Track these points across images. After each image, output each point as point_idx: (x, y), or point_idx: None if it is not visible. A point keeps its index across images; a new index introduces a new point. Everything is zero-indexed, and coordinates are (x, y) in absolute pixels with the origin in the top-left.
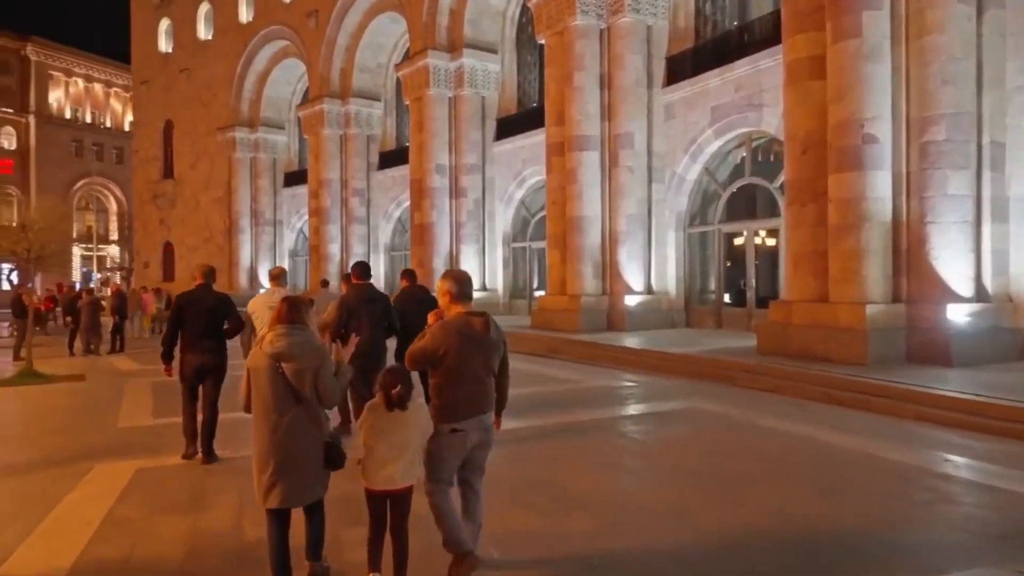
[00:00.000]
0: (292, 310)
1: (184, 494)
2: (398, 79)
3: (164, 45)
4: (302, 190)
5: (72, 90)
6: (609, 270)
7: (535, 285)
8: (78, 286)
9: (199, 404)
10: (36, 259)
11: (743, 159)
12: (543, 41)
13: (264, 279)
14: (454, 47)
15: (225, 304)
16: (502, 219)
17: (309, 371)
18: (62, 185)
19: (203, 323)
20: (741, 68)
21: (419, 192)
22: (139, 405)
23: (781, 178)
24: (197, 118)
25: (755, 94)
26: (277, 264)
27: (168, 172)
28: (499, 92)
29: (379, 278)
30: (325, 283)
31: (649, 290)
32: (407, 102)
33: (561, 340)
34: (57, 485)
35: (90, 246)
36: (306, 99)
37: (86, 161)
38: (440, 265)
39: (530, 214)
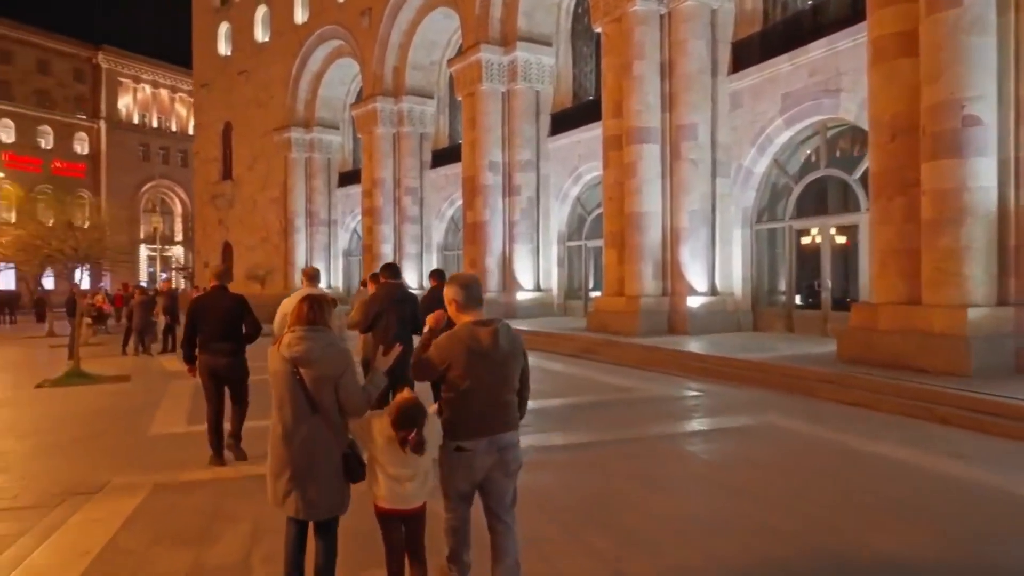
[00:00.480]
0: (313, 310)
1: (195, 519)
2: (451, 76)
3: (223, 48)
4: (356, 190)
5: (140, 96)
6: (670, 270)
7: (591, 285)
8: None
9: (226, 412)
10: (84, 258)
11: (817, 150)
12: (600, 30)
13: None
14: (507, 40)
15: (240, 306)
16: (557, 217)
17: (330, 379)
18: (130, 188)
19: (217, 326)
20: (815, 51)
21: (471, 190)
22: (176, 409)
23: (862, 169)
24: (254, 119)
25: (831, 78)
26: (311, 264)
27: (227, 173)
28: (554, 86)
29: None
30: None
31: (713, 291)
32: (459, 98)
33: (619, 344)
34: (68, 503)
35: (156, 247)
36: (360, 98)
37: (153, 164)
38: (493, 265)
39: (586, 212)
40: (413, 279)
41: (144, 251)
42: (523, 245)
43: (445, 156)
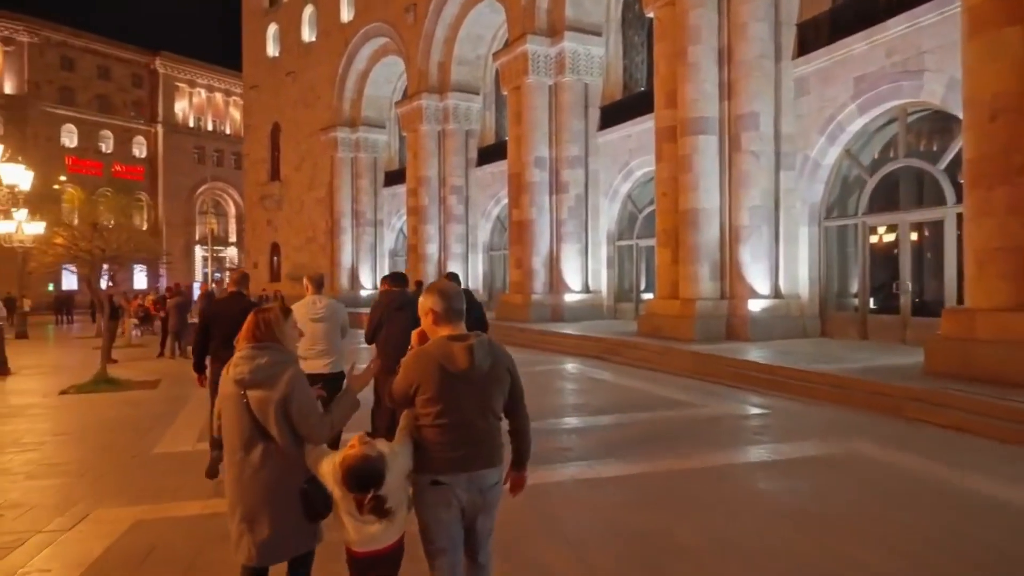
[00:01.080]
0: (259, 325)
1: (169, 569)
2: (497, 71)
3: (272, 49)
4: (401, 189)
5: (195, 100)
6: (729, 271)
7: (642, 287)
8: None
9: None
10: (112, 258)
11: (895, 138)
12: (652, 15)
13: (366, 279)
14: (555, 31)
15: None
16: (606, 215)
17: (278, 402)
18: (186, 190)
19: (227, 332)
20: (894, 28)
21: (517, 187)
22: (191, 423)
23: (949, 157)
24: (301, 120)
25: (912, 58)
26: (356, 265)
27: (275, 174)
28: (603, 78)
29: (477, 279)
30: (419, 284)
31: (776, 294)
32: (505, 93)
33: (673, 350)
34: (32, 542)
35: (210, 248)
36: (405, 96)
37: (207, 167)
38: (539, 266)
39: (637, 209)
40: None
41: (199, 252)
42: (571, 245)
43: (491, 153)
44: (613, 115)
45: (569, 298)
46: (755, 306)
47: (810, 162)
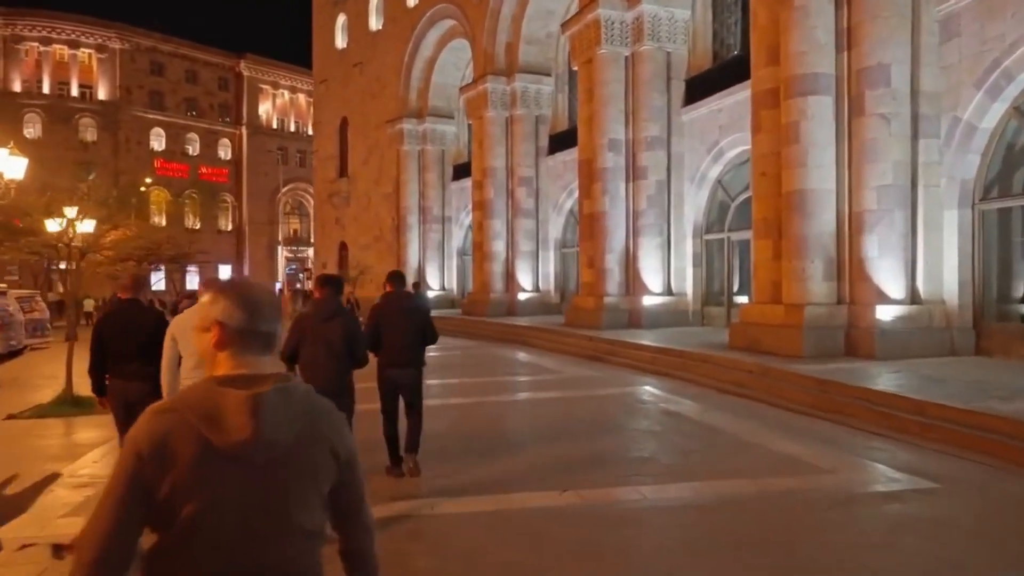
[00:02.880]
0: None
1: None
2: (570, 50)
3: (340, 41)
4: (469, 183)
5: (278, 101)
6: (848, 269)
7: (735, 288)
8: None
9: None
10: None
11: None
12: None
13: (433, 280)
14: None
15: (157, 323)
16: (692, 204)
17: None
18: (269, 191)
19: (121, 348)
20: None
21: (588, 175)
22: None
23: None
24: (369, 112)
25: None
26: (423, 265)
27: (343, 170)
28: (688, 45)
29: (548, 279)
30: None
31: (913, 298)
32: (575, 68)
33: (776, 372)
34: None
35: (294, 248)
36: (471, 82)
37: (290, 168)
38: (614, 264)
39: (729, 197)
40: (528, 281)
41: (282, 252)
42: (650, 239)
43: (563, 140)
44: (700, 88)
45: (648, 301)
46: (884, 313)
47: (961, 126)
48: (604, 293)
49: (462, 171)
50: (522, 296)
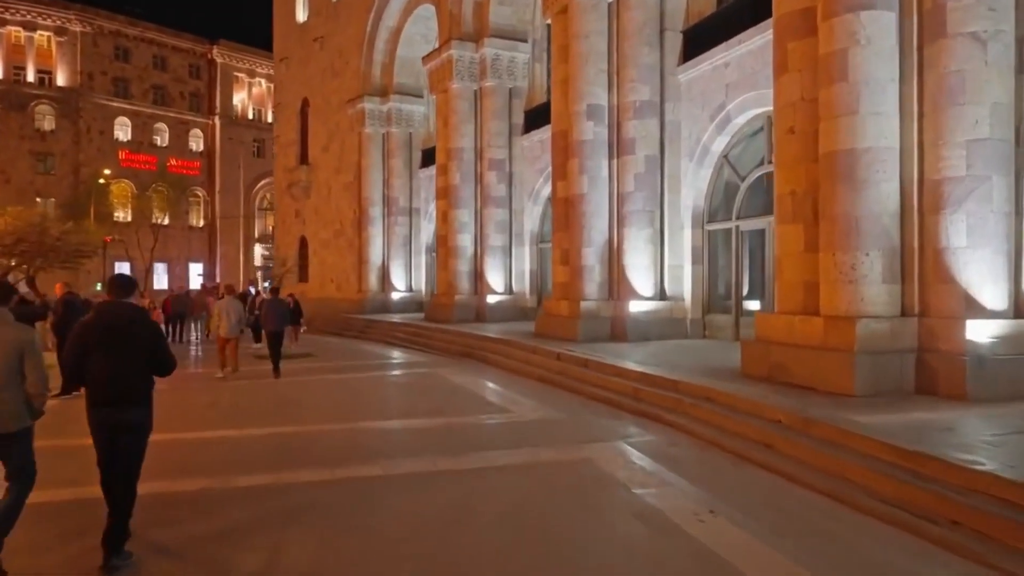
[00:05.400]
0: None
1: None
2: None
3: (301, 14)
4: None
5: (255, 91)
6: (919, 264)
7: (745, 292)
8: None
9: None
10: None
11: None
12: None
13: (398, 280)
14: None
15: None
16: (691, 186)
17: None
18: (244, 186)
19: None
20: None
21: (563, 150)
22: None
23: None
24: (329, 93)
25: None
26: (388, 262)
27: (304, 158)
28: None
29: (523, 278)
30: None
31: (1019, 309)
32: (548, 22)
33: (822, 425)
34: None
35: (270, 245)
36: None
37: (267, 161)
38: (593, 260)
39: (738, 175)
40: (499, 281)
41: (259, 250)
42: (639, 230)
43: (541, 116)
44: (701, 38)
45: (636, 307)
46: (977, 331)
47: None
48: (581, 297)
49: (432, 157)
50: (492, 299)
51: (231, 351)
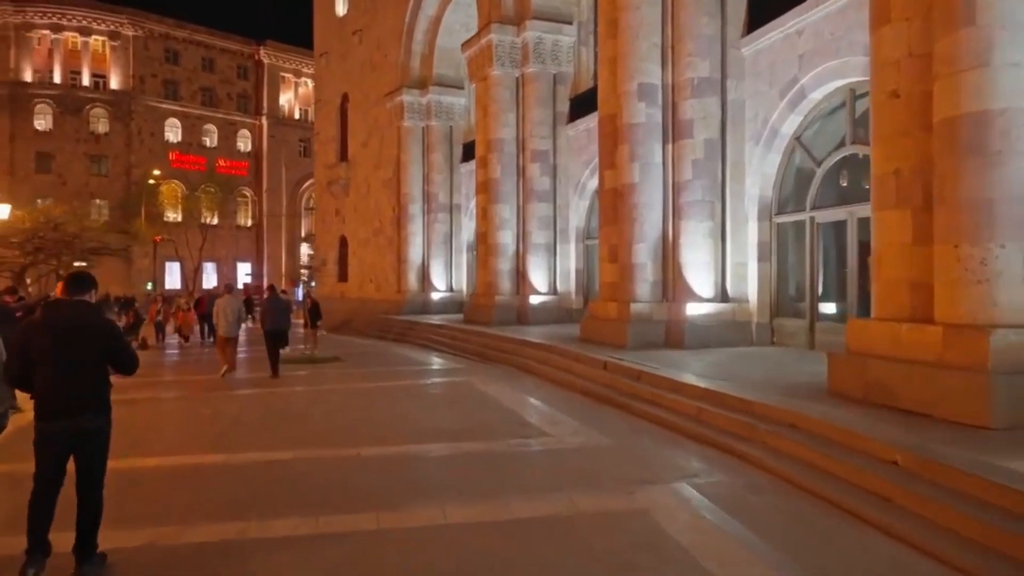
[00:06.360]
0: None
1: None
2: None
3: (340, 7)
4: None
5: (301, 90)
6: None
7: (819, 291)
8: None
9: None
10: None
11: None
12: None
13: (438, 279)
14: None
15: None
16: (757, 172)
17: None
18: (290, 185)
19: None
20: None
21: (611, 135)
22: None
23: None
24: (369, 86)
25: None
26: (428, 261)
27: (343, 154)
28: None
29: (568, 278)
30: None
31: None
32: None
33: (951, 473)
34: None
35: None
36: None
37: (312, 160)
38: (645, 257)
39: (814, 160)
40: (542, 281)
41: (305, 249)
42: (697, 222)
43: (587, 103)
44: (769, 3)
45: (694, 310)
46: None
47: None
48: (631, 298)
49: (473, 151)
50: (535, 300)
51: (230, 351)
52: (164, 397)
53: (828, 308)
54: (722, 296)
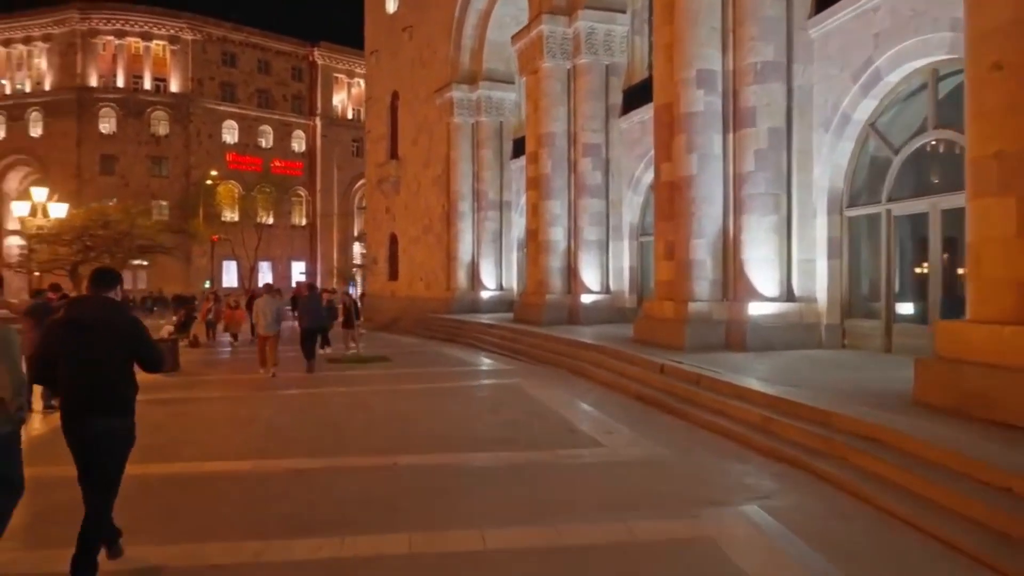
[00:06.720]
0: None
1: None
2: None
3: (391, 5)
4: None
5: (354, 91)
6: None
7: (896, 290)
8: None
9: None
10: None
11: None
12: None
13: (488, 278)
14: None
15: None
16: (827, 162)
17: None
18: (343, 185)
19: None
20: None
21: (667, 125)
22: None
23: None
24: (418, 83)
25: None
26: (477, 259)
27: (394, 152)
28: None
29: (622, 276)
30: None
31: None
32: None
33: None
34: None
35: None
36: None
37: (364, 160)
38: (704, 255)
39: (890, 147)
40: (594, 279)
41: (358, 248)
42: (760, 216)
43: (641, 95)
44: None
45: (757, 310)
46: None
47: None
48: (689, 297)
49: (523, 147)
50: (587, 299)
51: (270, 349)
52: (203, 397)
53: (906, 308)
54: (787, 295)
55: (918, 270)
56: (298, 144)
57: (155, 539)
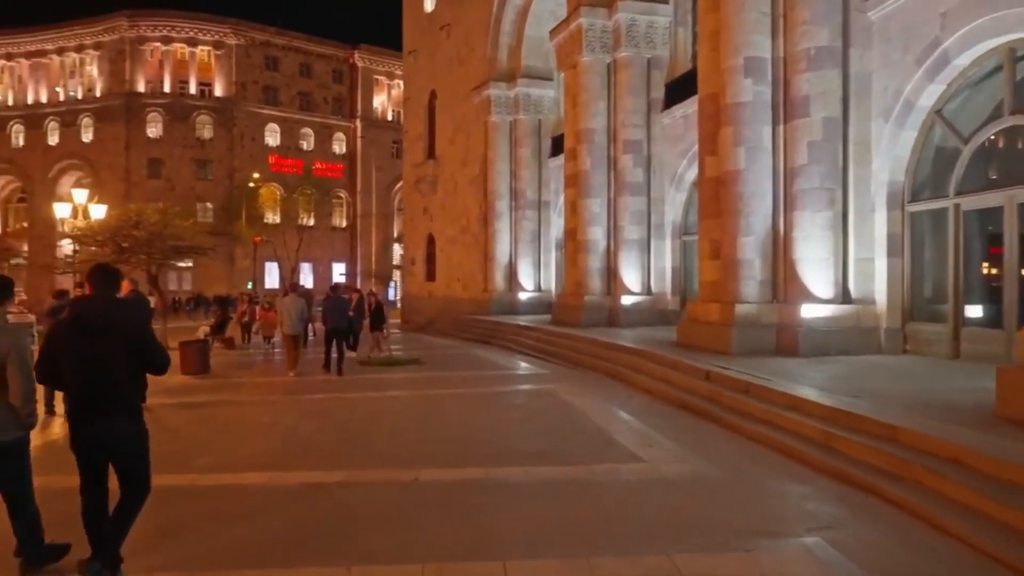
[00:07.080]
0: None
1: None
2: None
3: (429, 4)
4: None
5: (393, 93)
6: None
7: (964, 292)
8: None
9: None
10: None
11: None
12: None
13: (526, 279)
14: None
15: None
16: (887, 154)
17: None
18: (383, 186)
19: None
20: None
21: (712, 117)
22: None
23: None
24: (456, 82)
25: None
26: (515, 260)
27: (431, 152)
28: None
29: (664, 276)
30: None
31: None
32: None
33: None
34: None
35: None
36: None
37: (403, 161)
38: (751, 252)
39: (959, 136)
40: (635, 280)
41: (397, 249)
42: (813, 212)
43: (685, 88)
44: None
45: (810, 312)
46: None
47: None
48: (736, 298)
49: (562, 145)
50: (627, 300)
51: (294, 349)
52: (228, 400)
53: (975, 311)
54: (843, 297)
55: (990, 269)
56: (339, 146)
57: (154, 563)
